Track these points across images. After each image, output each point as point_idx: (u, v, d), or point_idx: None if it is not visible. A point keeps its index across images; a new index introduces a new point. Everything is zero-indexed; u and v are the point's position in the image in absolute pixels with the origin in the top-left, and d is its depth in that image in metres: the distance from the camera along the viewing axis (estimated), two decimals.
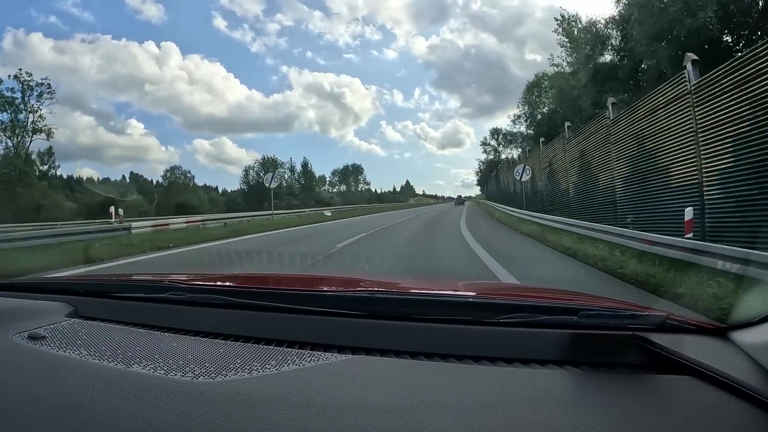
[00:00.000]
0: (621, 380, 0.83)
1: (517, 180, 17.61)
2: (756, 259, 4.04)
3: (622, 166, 9.04)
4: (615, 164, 9.34)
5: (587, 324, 0.90)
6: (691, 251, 5.10)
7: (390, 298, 1.15)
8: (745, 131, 5.39)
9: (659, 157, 7.45)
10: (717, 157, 5.95)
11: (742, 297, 2.53)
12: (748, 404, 0.71)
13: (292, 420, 0.68)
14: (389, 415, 0.69)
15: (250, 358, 0.89)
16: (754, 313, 0.86)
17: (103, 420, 0.69)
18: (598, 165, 10.42)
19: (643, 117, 7.96)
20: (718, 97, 5.84)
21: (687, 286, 4.28)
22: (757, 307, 0.90)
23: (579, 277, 5.85)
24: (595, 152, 10.57)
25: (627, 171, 8.79)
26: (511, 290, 1.81)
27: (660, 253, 5.68)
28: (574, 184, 12.20)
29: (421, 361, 0.90)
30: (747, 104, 5.34)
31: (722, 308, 3.29)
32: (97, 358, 0.90)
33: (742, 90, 5.40)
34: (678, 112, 6.80)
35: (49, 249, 8.62)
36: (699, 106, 6.25)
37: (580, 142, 11.64)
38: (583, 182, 11.54)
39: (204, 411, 0.70)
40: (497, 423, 0.68)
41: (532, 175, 16.75)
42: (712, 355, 0.84)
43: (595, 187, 10.51)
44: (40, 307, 1.21)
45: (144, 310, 1.18)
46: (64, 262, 6.99)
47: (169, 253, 8.80)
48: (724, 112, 5.73)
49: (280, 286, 1.39)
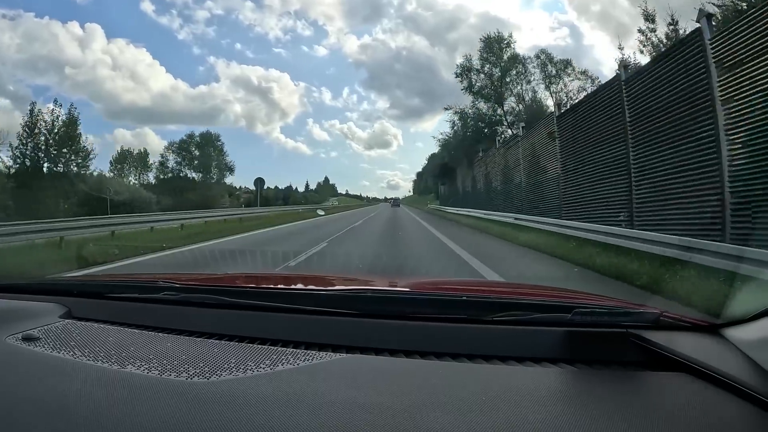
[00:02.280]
0: (615, 377, 0.83)
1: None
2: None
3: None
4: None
5: (581, 322, 0.90)
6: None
7: (385, 297, 1.15)
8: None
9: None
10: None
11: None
12: (742, 400, 0.72)
13: (287, 419, 0.68)
14: (384, 414, 0.69)
15: (244, 357, 0.89)
16: (747, 311, 0.87)
17: (98, 421, 0.68)
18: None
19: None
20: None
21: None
22: (749, 305, 0.90)
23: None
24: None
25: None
26: (506, 288, 1.81)
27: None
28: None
29: (415, 359, 0.90)
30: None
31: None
32: (92, 359, 0.89)
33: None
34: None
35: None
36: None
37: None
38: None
39: (199, 411, 0.70)
40: (493, 421, 0.68)
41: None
42: (705, 352, 0.85)
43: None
44: (34, 308, 1.20)
45: (138, 310, 1.18)
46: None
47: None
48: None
49: (275, 286, 1.38)
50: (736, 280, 4.03)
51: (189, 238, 10.28)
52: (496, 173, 17.28)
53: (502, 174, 16.32)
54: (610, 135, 8.62)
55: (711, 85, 6.19)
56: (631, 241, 6.61)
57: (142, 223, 13.23)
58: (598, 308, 0.96)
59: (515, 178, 14.67)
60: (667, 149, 6.85)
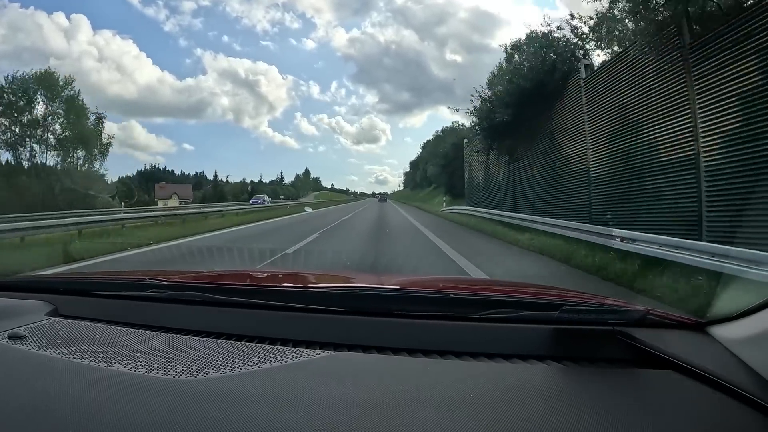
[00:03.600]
0: (602, 374, 0.84)
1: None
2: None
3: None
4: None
5: (568, 319, 0.91)
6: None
7: (372, 295, 1.15)
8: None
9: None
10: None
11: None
12: (728, 397, 0.73)
13: (274, 417, 0.68)
14: (372, 411, 0.69)
15: (232, 355, 0.88)
16: (733, 309, 0.88)
17: (85, 420, 0.68)
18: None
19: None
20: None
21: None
22: (735, 303, 0.91)
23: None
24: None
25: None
26: (493, 286, 1.82)
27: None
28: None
29: (403, 357, 0.90)
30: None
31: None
32: (78, 357, 0.88)
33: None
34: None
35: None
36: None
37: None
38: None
39: (186, 409, 0.69)
40: (480, 418, 0.68)
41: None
42: (691, 349, 0.86)
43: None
44: (20, 306, 1.18)
45: (125, 308, 1.17)
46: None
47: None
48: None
49: (262, 283, 1.37)
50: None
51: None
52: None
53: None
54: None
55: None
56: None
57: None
58: (585, 306, 0.97)
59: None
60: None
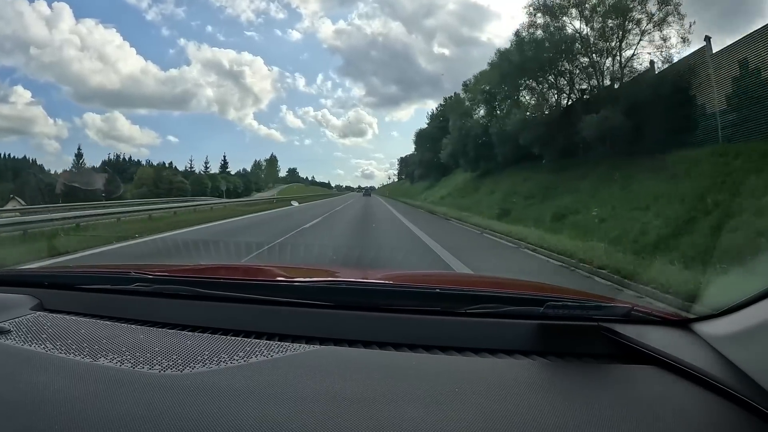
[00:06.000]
0: (587, 370, 0.85)
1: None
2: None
3: None
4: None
5: (553, 315, 0.92)
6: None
7: (358, 289, 1.15)
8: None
9: None
10: None
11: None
12: (711, 393, 0.74)
13: (261, 411, 0.67)
14: (358, 405, 0.69)
15: (218, 349, 0.87)
16: (717, 305, 0.89)
17: (70, 415, 0.67)
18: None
19: None
20: None
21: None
22: (719, 300, 0.92)
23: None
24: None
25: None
26: (479, 281, 1.82)
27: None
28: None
29: (389, 351, 0.90)
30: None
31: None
32: (64, 351, 0.87)
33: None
34: None
35: None
36: None
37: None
38: None
39: (172, 403, 0.69)
40: (465, 412, 0.68)
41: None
42: (675, 345, 0.87)
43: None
44: (4, 300, 1.16)
45: (110, 302, 1.15)
46: None
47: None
48: None
49: (248, 277, 1.36)
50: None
51: None
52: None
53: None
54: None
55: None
56: None
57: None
58: (571, 302, 0.97)
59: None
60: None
